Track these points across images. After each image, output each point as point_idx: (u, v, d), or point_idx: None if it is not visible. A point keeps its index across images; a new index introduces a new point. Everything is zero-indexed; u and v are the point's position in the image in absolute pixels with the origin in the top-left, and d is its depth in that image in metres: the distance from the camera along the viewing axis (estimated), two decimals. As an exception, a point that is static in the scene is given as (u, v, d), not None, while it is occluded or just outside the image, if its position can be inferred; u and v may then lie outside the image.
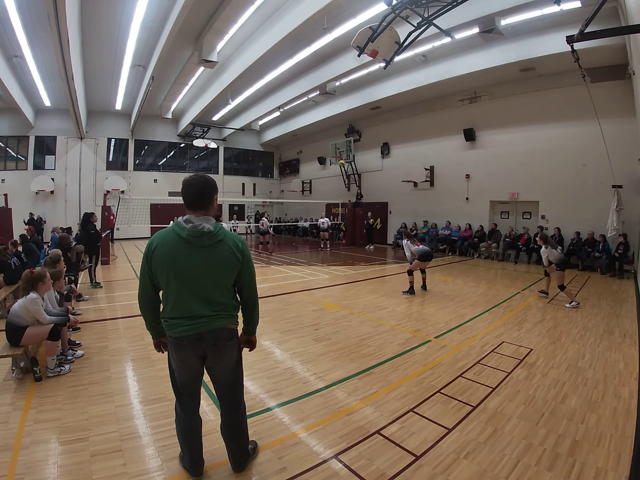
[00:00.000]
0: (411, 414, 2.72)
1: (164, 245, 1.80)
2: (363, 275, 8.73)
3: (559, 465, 2.14)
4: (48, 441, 2.35)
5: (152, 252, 1.81)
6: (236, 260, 1.87)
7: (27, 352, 3.27)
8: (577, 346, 4.15)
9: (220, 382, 2.03)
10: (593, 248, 9.21)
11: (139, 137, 18.16)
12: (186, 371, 1.95)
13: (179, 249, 1.78)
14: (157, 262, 1.80)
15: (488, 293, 6.85)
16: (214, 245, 1.82)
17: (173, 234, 1.81)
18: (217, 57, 9.52)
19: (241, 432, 2.11)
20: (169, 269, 1.79)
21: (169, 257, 1.78)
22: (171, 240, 1.80)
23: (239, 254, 1.88)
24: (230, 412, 2.07)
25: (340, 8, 7.89)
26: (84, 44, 9.84)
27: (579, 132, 9.69)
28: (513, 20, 8.10)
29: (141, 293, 1.91)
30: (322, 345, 4.16)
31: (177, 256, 1.78)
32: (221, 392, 2.05)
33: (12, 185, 15.08)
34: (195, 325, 1.81)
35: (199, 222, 1.79)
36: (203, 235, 1.79)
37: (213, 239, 1.82)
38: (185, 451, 2.06)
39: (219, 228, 1.86)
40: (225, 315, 1.89)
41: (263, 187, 22.85)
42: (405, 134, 14.75)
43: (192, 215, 1.82)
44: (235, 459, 2.08)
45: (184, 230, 1.78)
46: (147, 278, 1.86)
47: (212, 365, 1.95)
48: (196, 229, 1.78)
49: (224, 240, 1.85)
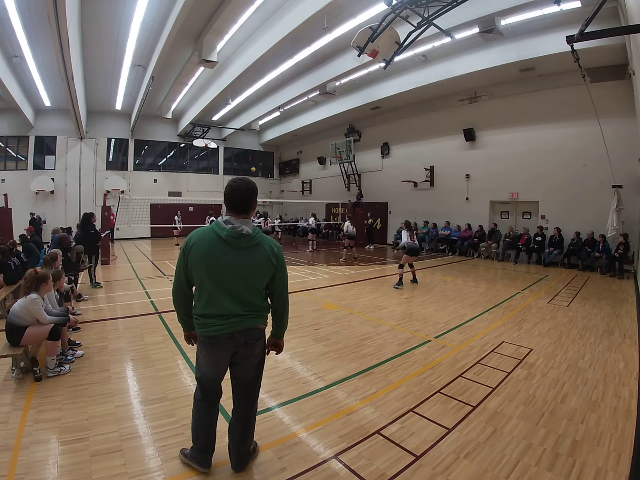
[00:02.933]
0: (411, 414, 2.72)
1: (202, 243, 1.84)
2: (363, 275, 8.73)
3: (559, 465, 2.14)
4: (48, 441, 2.35)
5: (190, 249, 1.86)
6: (271, 264, 1.91)
7: (27, 352, 3.27)
8: (577, 346, 4.15)
9: (240, 379, 2.07)
10: (593, 248, 9.21)
11: (139, 137, 18.15)
12: (213, 368, 2.00)
13: (216, 248, 1.83)
14: (194, 258, 1.84)
15: (488, 293, 6.85)
16: (252, 247, 1.87)
17: (212, 233, 1.85)
18: (217, 57, 9.52)
19: (249, 431, 2.14)
20: (204, 266, 1.83)
21: (206, 255, 1.82)
22: (209, 239, 1.84)
23: (274, 258, 1.92)
24: (243, 409, 2.11)
25: (340, 8, 7.88)
26: (84, 44, 9.84)
27: (579, 132, 9.69)
28: (513, 20, 8.10)
29: (176, 288, 1.97)
30: (322, 345, 4.16)
31: (214, 255, 1.82)
32: (239, 389, 2.09)
33: (12, 185, 15.05)
34: (228, 325, 1.86)
35: (239, 224, 1.84)
36: (242, 237, 1.83)
37: (251, 242, 1.86)
38: (197, 442, 2.09)
39: (257, 232, 1.90)
40: (256, 315, 1.94)
41: (263, 187, 22.83)
42: (405, 134, 14.75)
43: (232, 217, 1.87)
44: (238, 459, 2.10)
45: (223, 230, 1.83)
46: (183, 273, 1.91)
47: (238, 361, 1.99)
48: (235, 231, 1.82)
49: (261, 243, 1.90)
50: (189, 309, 1.99)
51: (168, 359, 3.74)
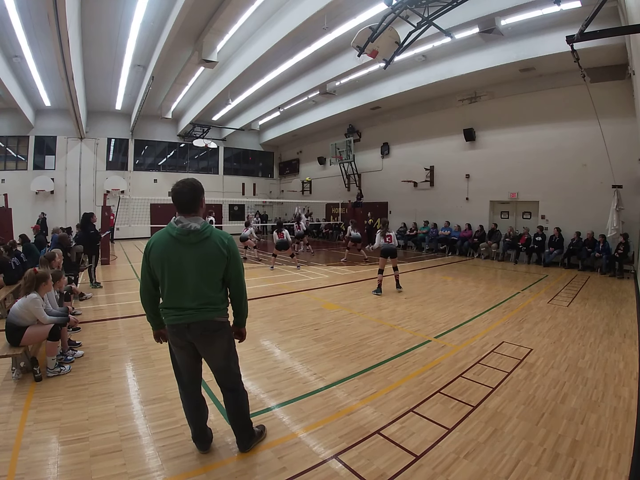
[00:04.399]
0: (411, 414, 2.72)
1: (159, 244, 2.02)
2: (363, 275, 8.73)
3: (559, 465, 2.14)
4: (48, 441, 2.35)
5: (150, 251, 2.04)
6: (222, 255, 2.05)
7: (27, 352, 3.27)
8: (577, 346, 4.15)
9: (214, 370, 2.23)
10: (593, 248, 9.20)
11: (139, 137, 18.14)
12: (180, 353, 2.16)
13: (170, 247, 2.00)
14: (154, 259, 2.02)
15: (488, 293, 6.85)
16: (201, 242, 2.01)
17: (166, 234, 2.02)
18: (217, 57, 9.51)
19: (240, 412, 2.27)
20: (163, 265, 2.00)
21: (163, 254, 2.00)
22: (165, 240, 2.02)
23: (225, 249, 2.05)
24: (227, 394, 2.26)
25: (340, 8, 7.88)
26: (84, 44, 9.83)
27: (579, 132, 9.69)
28: (513, 20, 8.09)
29: (142, 287, 2.13)
30: (322, 345, 4.16)
31: (169, 253, 1.99)
32: (217, 377, 2.26)
33: (12, 185, 15.05)
34: (184, 316, 2.02)
35: (187, 222, 1.99)
36: (190, 234, 1.99)
37: (200, 237, 2.00)
38: (190, 427, 2.28)
39: (206, 227, 2.04)
40: (211, 308, 2.06)
41: (263, 187, 22.85)
42: (405, 134, 14.74)
43: (182, 217, 2.02)
44: (238, 438, 2.28)
45: (174, 230, 2.00)
46: (147, 273, 2.08)
47: (203, 353, 2.16)
48: (184, 228, 1.99)
49: (211, 237, 2.04)
50: (155, 307, 2.15)
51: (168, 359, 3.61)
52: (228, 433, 2.42)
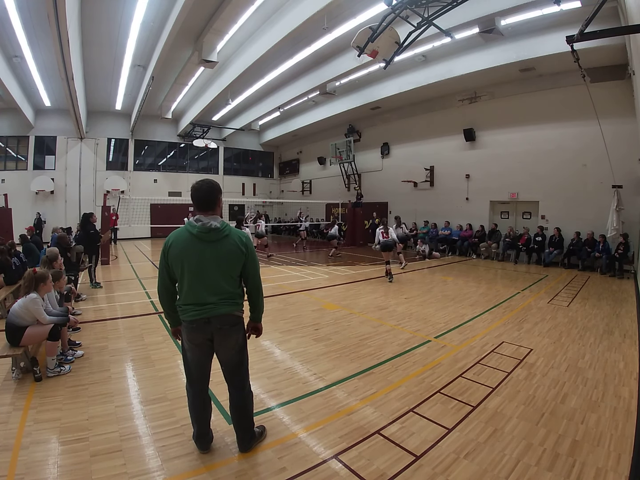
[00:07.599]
0: (411, 414, 2.72)
1: (178, 242, 2.06)
2: (363, 275, 8.73)
3: (559, 465, 2.14)
4: (48, 441, 2.35)
5: (169, 249, 2.07)
6: (241, 253, 2.11)
7: (27, 352, 3.27)
8: (577, 346, 4.15)
9: (226, 364, 2.22)
10: (593, 248, 9.20)
11: (139, 137, 18.16)
12: (194, 350, 2.16)
13: (190, 245, 2.04)
14: (173, 256, 2.06)
15: (488, 293, 6.85)
16: (221, 240, 2.07)
17: (186, 232, 2.06)
18: (217, 57, 9.53)
19: (245, 413, 2.28)
20: (182, 262, 2.04)
21: (183, 252, 2.04)
22: (184, 238, 2.06)
23: (243, 247, 2.12)
24: (234, 392, 2.26)
25: (340, 8, 7.89)
26: (84, 44, 9.84)
27: (579, 132, 9.69)
28: (513, 20, 8.10)
29: (160, 286, 2.16)
30: (322, 345, 4.16)
31: (189, 251, 2.04)
32: (227, 373, 2.25)
33: (12, 185, 15.07)
34: (204, 310, 2.05)
35: (208, 220, 2.05)
36: (211, 232, 2.04)
37: (220, 235, 2.06)
38: (194, 426, 2.29)
39: (225, 225, 2.10)
40: (230, 302, 2.11)
41: (263, 187, 22.85)
42: (405, 134, 14.75)
43: (201, 215, 2.08)
44: (240, 438, 2.27)
45: (194, 228, 2.04)
46: (165, 271, 2.11)
47: (219, 347, 2.17)
48: (205, 226, 2.04)
49: (230, 235, 2.10)
50: (173, 304, 2.19)
51: (168, 359, 3.74)
52: (228, 433, 2.42)
